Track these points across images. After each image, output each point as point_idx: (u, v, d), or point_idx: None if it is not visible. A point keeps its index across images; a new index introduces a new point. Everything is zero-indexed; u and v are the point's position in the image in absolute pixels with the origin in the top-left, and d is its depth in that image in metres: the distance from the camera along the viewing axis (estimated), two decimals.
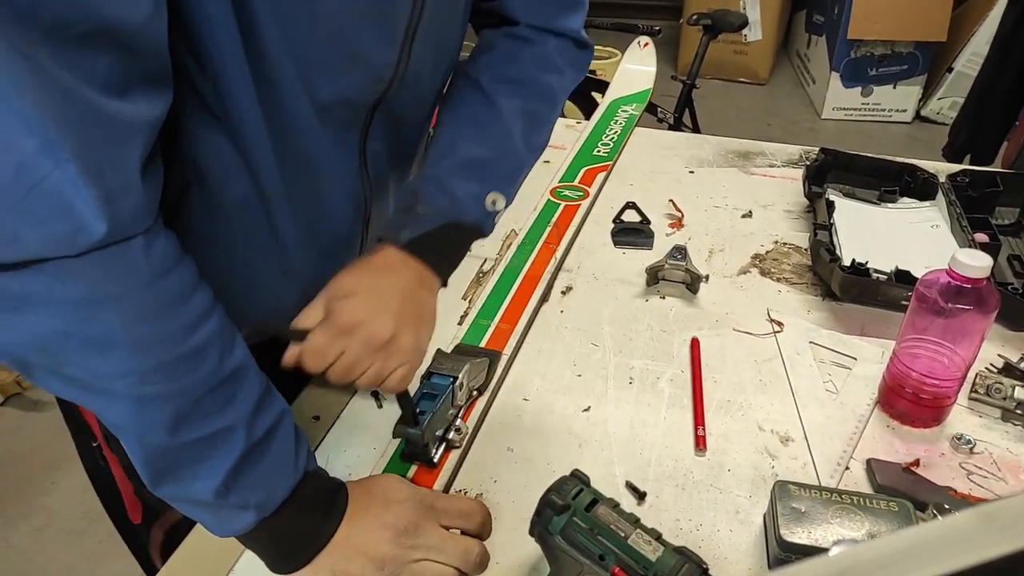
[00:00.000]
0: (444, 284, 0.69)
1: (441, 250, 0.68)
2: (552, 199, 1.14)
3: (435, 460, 0.70)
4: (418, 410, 0.69)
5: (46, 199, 0.43)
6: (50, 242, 0.44)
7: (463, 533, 0.61)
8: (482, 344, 0.86)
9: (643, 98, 1.54)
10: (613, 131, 1.37)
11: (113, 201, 0.45)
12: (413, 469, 0.70)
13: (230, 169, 0.60)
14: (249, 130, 0.58)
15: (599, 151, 1.30)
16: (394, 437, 0.69)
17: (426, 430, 0.67)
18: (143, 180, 0.48)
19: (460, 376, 0.72)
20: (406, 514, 0.59)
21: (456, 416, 0.74)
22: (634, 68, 1.67)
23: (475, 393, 0.78)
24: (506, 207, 0.72)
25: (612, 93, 1.56)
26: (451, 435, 0.72)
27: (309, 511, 0.58)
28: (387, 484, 0.61)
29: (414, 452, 0.70)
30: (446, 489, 0.69)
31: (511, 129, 0.72)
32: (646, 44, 1.76)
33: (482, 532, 0.62)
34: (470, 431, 0.74)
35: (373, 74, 0.62)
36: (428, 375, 0.72)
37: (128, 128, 0.46)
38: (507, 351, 0.85)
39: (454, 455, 0.72)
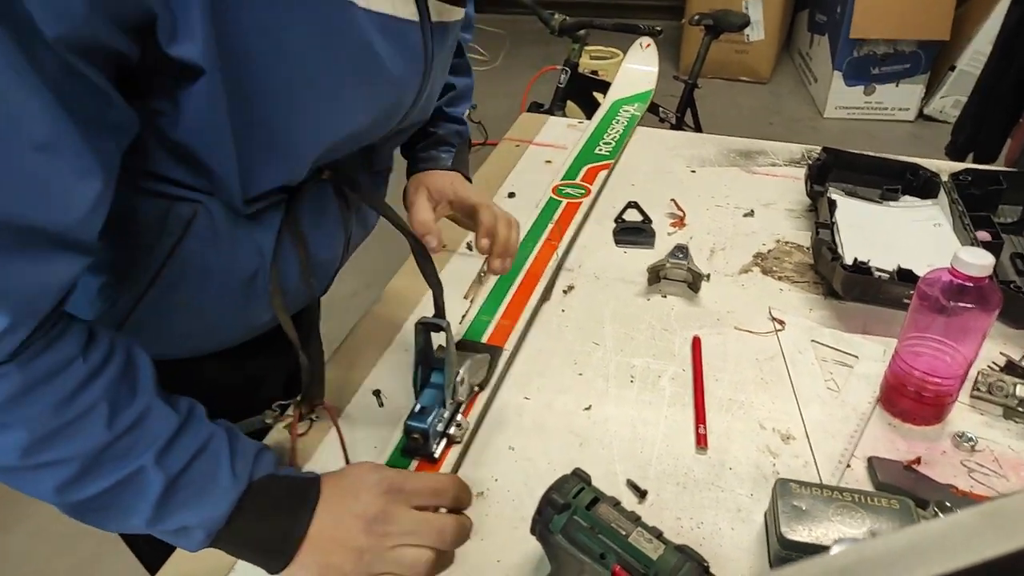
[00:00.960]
0: None
1: (464, 161, 0.88)
2: (554, 197, 1.14)
3: (436, 455, 0.70)
4: (419, 406, 0.70)
5: None
6: None
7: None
8: (483, 340, 0.85)
9: (645, 98, 1.54)
10: (615, 130, 1.37)
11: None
12: (414, 464, 0.70)
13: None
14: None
15: (601, 150, 1.30)
16: (405, 434, 0.70)
17: (429, 425, 0.68)
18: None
19: (462, 371, 0.72)
20: (374, 502, 0.58)
21: (457, 411, 0.74)
22: (636, 68, 1.67)
23: (476, 389, 0.78)
24: None
25: (614, 93, 1.56)
26: (452, 430, 0.72)
27: (272, 513, 0.58)
28: (356, 472, 0.61)
29: (415, 447, 0.70)
30: None
31: (466, 57, 0.91)
32: (648, 45, 1.76)
33: (459, 505, 0.62)
34: (471, 426, 0.74)
35: (368, 142, 0.71)
36: (429, 371, 0.72)
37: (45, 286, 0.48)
38: (508, 347, 0.85)
39: (455, 450, 0.72)
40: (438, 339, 0.71)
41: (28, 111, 0.42)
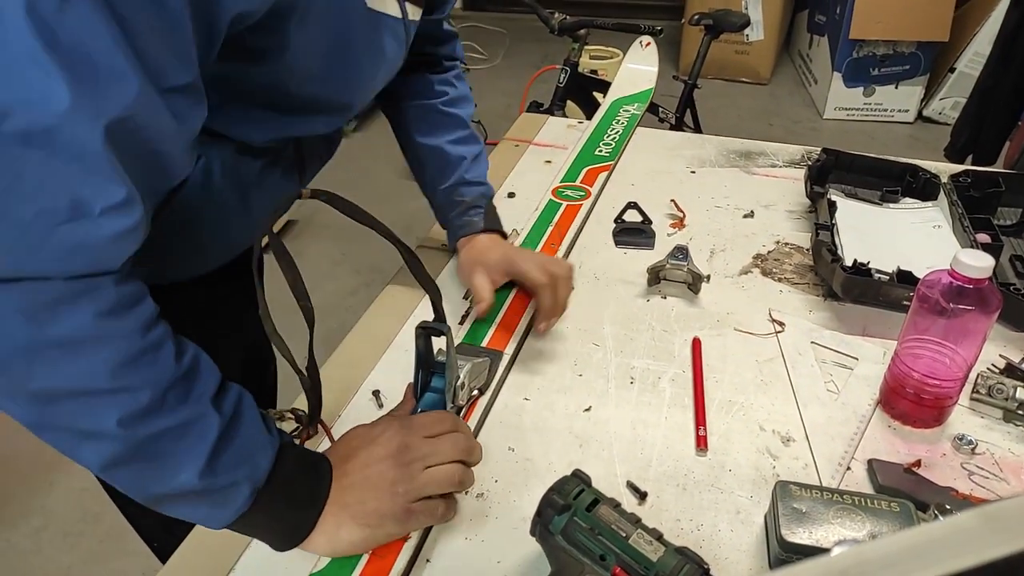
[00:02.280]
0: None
1: (495, 218, 0.96)
2: (554, 199, 1.14)
3: None
4: (420, 410, 0.70)
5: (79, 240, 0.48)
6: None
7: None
8: (483, 344, 0.85)
9: (645, 98, 1.54)
10: (615, 131, 1.37)
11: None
12: None
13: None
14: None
15: (601, 151, 1.30)
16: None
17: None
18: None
19: (462, 375, 0.72)
20: (392, 440, 0.63)
21: (458, 416, 0.74)
22: (636, 68, 1.67)
23: (476, 393, 0.78)
24: None
25: (614, 93, 1.56)
26: None
27: (301, 473, 0.61)
28: (359, 430, 0.66)
29: None
30: None
31: (471, 116, 1.01)
32: (648, 44, 1.76)
33: (459, 427, 0.67)
34: (471, 431, 0.74)
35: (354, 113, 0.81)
36: (429, 375, 0.72)
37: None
38: (508, 351, 0.85)
39: None
40: (438, 343, 0.70)
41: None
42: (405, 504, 0.61)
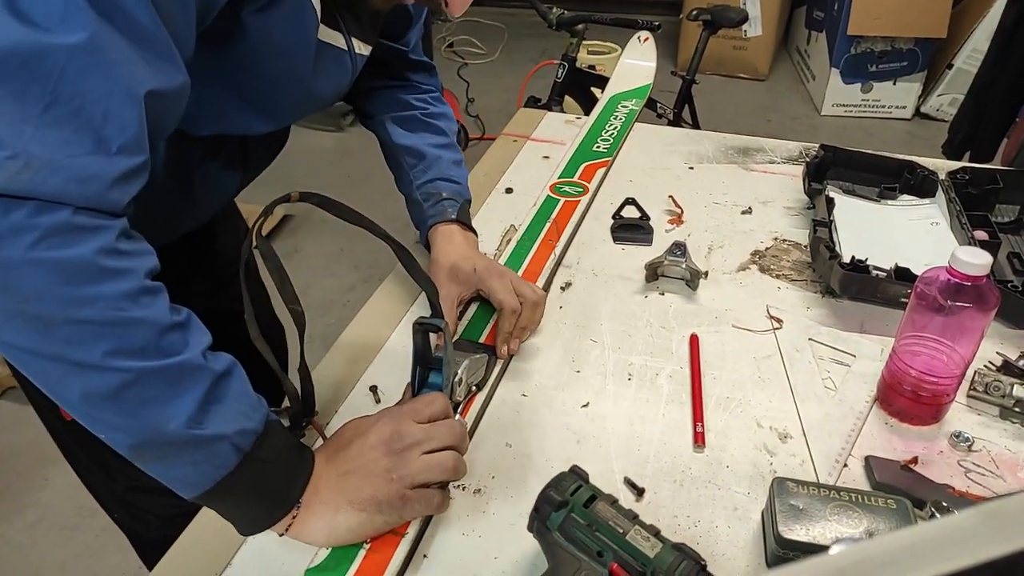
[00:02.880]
0: None
1: (467, 214, 0.96)
2: (552, 195, 1.14)
3: None
4: None
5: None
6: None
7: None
8: (481, 340, 0.85)
9: (643, 93, 1.54)
10: (613, 127, 1.37)
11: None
12: None
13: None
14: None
15: (599, 147, 1.30)
16: None
17: None
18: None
19: (459, 371, 0.72)
20: (385, 427, 0.64)
21: (455, 412, 0.74)
22: (634, 63, 1.66)
23: (474, 389, 0.78)
24: None
25: (612, 88, 1.56)
26: None
27: (287, 451, 0.61)
28: (353, 423, 0.67)
29: None
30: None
31: (453, 133, 1.02)
32: (646, 39, 1.75)
33: (448, 412, 0.68)
34: (469, 427, 0.74)
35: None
36: (427, 371, 0.72)
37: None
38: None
39: None
40: (435, 339, 0.70)
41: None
42: (401, 490, 0.62)
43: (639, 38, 1.75)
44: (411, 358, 0.71)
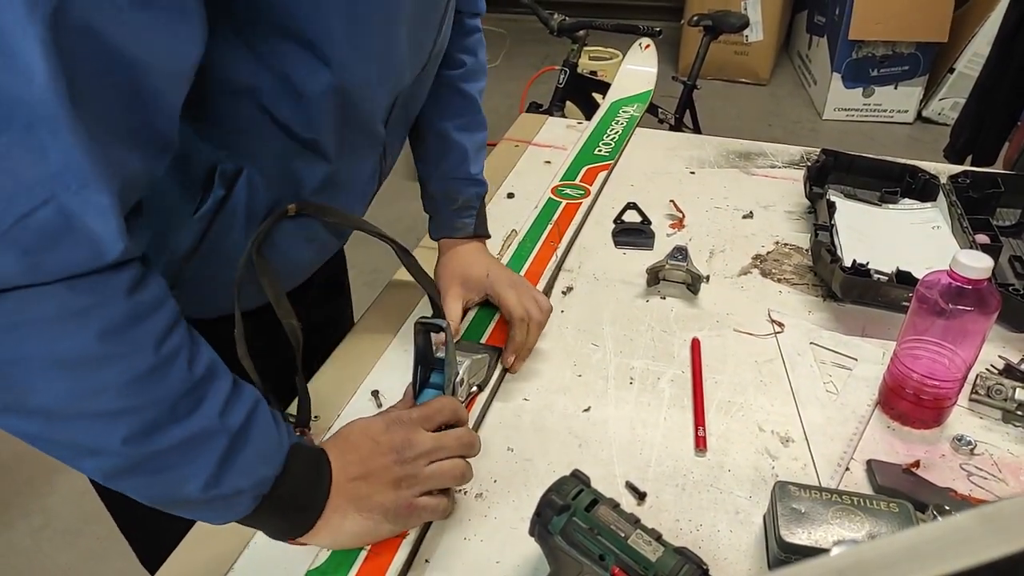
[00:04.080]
0: None
1: (484, 220, 0.93)
2: (553, 197, 1.14)
3: None
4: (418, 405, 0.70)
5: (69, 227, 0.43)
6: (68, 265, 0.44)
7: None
8: (483, 341, 0.85)
9: (644, 99, 1.54)
10: (614, 131, 1.37)
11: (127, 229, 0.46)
12: None
13: (293, 148, 0.65)
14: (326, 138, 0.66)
15: (600, 151, 1.30)
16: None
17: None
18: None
19: (461, 371, 0.72)
20: (395, 435, 0.62)
21: None
22: (635, 69, 1.67)
23: (475, 389, 0.78)
24: None
25: (613, 94, 1.56)
26: None
27: (305, 476, 0.59)
28: (359, 424, 0.64)
29: None
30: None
31: (481, 113, 0.93)
32: (647, 46, 1.76)
33: (460, 419, 0.67)
34: (470, 427, 0.74)
35: (422, 59, 0.73)
36: (428, 372, 0.72)
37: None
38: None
39: None
40: (437, 339, 0.70)
41: None
42: (409, 499, 0.61)
43: (640, 45, 1.76)
44: (412, 358, 0.71)
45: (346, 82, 0.62)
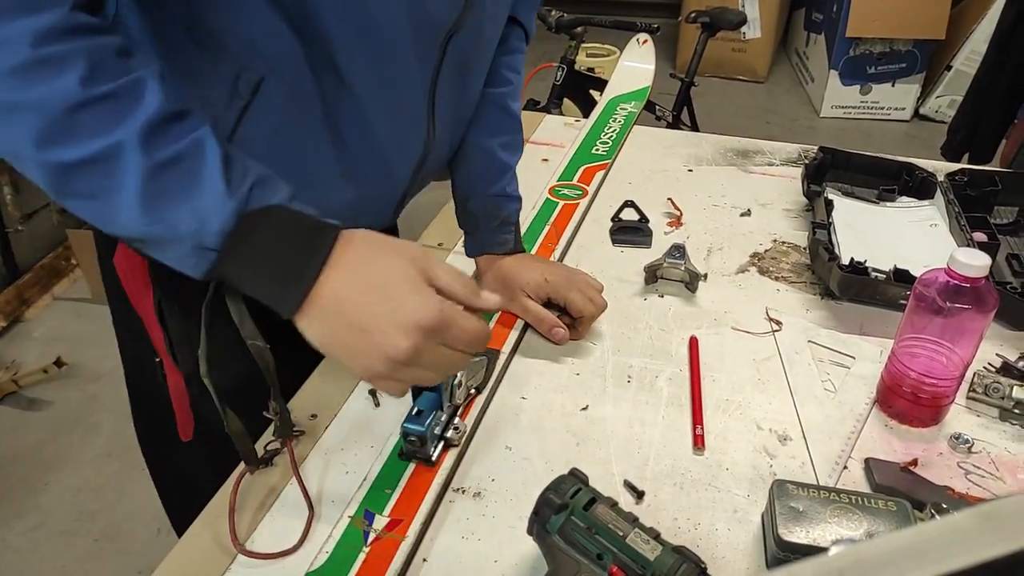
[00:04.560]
0: None
1: (520, 237, 0.94)
2: (551, 198, 1.14)
3: (433, 459, 0.70)
4: (416, 409, 0.69)
5: None
6: None
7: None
8: None
9: (642, 96, 1.54)
10: (612, 129, 1.37)
11: None
12: (411, 467, 0.70)
13: (311, 59, 0.65)
14: (336, 35, 0.64)
15: (598, 149, 1.30)
16: (402, 437, 0.69)
17: (427, 428, 0.68)
18: None
19: (459, 374, 0.72)
20: (434, 310, 0.54)
21: (454, 415, 0.74)
22: (633, 66, 1.67)
23: (473, 392, 0.78)
24: None
25: (611, 91, 1.56)
26: (449, 433, 0.72)
27: (283, 242, 0.54)
28: (404, 249, 0.57)
29: (412, 451, 0.70)
30: (443, 489, 0.69)
31: (522, 132, 0.94)
32: (645, 41, 1.76)
33: (483, 335, 0.59)
34: (468, 429, 0.74)
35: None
36: None
37: None
38: (505, 349, 0.84)
39: (452, 453, 0.72)
40: None
41: None
42: (395, 365, 0.54)
43: (638, 40, 1.76)
44: None
45: None
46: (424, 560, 0.64)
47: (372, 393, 0.80)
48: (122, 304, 0.82)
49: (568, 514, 0.57)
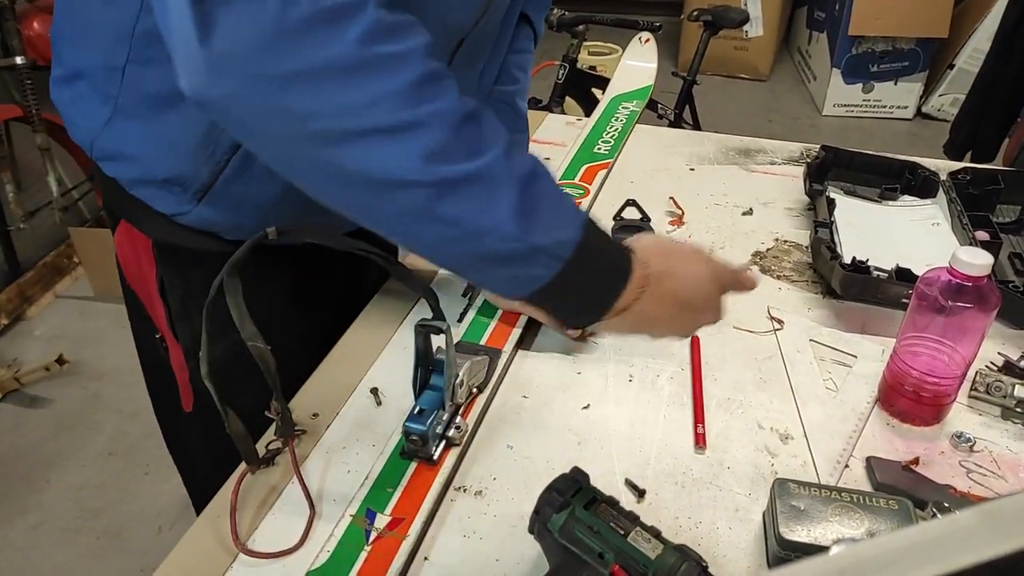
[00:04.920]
0: None
1: None
2: None
3: (435, 458, 0.70)
4: (418, 408, 0.69)
5: None
6: None
7: None
8: (482, 342, 0.85)
9: (644, 95, 1.54)
10: (614, 128, 1.37)
11: None
12: (412, 467, 0.70)
13: None
14: None
15: (599, 149, 1.29)
16: (404, 435, 0.70)
17: (428, 427, 0.68)
18: None
19: (461, 373, 0.72)
20: (706, 282, 0.67)
21: (456, 414, 0.74)
22: (635, 64, 1.66)
23: (474, 391, 0.78)
24: None
25: (613, 89, 1.56)
26: (451, 432, 0.72)
27: (605, 250, 0.60)
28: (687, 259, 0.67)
29: (414, 449, 0.70)
30: (445, 488, 0.69)
31: (528, 132, 0.97)
32: (647, 40, 1.75)
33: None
34: (469, 428, 0.74)
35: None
36: (428, 373, 0.72)
37: None
38: (507, 348, 0.84)
39: (454, 452, 0.72)
40: (437, 340, 0.70)
41: None
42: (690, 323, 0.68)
43: (640, 39, 1.75)
44: (413, 359, 0.71)
45: None
46: (426, 559, 0.64)
47: (374, 392, 0.80)
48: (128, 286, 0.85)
49: (569, 513, 0.57)
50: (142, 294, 0.83)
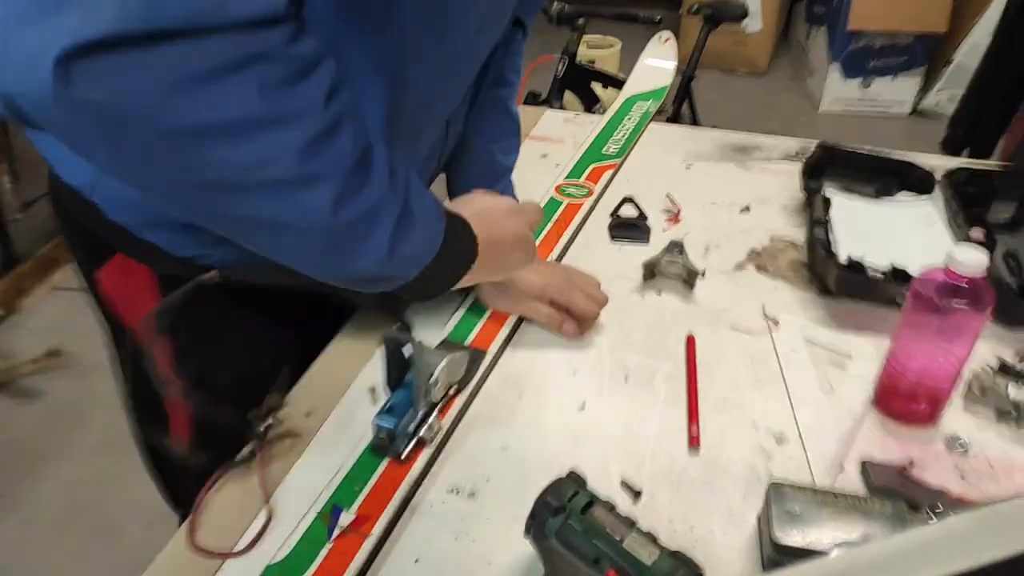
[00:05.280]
0: None
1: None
2: (556, 196, 1.13)
3: (403, 456, 0.69)
4: (389, 404, 0.69)
5: None
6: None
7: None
8: (467, 343, 0.85)
9: (659, 95, 1.52)
10: (625, 128, 1.36)
11: None
12: (383, 465, 0.69)
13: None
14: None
15: (608, 149, 1.29)
16: (373, 427, 0.70)
17: (397, 424, 0.69)
18: None
19: (436, 372, 0.72)
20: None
21: (431, 413, 0.73)
22: (654, 64, 1.63)
23: (451, 391, 0.77)
24: None
25: (629, 89, 1.54)
26: (423, 432, 0.71)
27: (456, 241, 0.66)
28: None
29: (382, 446, 0.69)
30: (414, 488, 0.69)
31: (519, 136, 0.99)
32: (667, 39, 1.71)
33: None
34: (445, 429, 0.74)
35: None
36: (403, 374, 0.72)
37: None
38: (492, 348, 0.84)
39: (427, 452, 0.71)
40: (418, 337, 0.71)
41: None
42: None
43: (660, 38, 1.71)
44: (383, 366, 0.72)
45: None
46: (416, 561, 0.63)
47: (371, 390, 0.79)
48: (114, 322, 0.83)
49: (566, 517, 0.56)
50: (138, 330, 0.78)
